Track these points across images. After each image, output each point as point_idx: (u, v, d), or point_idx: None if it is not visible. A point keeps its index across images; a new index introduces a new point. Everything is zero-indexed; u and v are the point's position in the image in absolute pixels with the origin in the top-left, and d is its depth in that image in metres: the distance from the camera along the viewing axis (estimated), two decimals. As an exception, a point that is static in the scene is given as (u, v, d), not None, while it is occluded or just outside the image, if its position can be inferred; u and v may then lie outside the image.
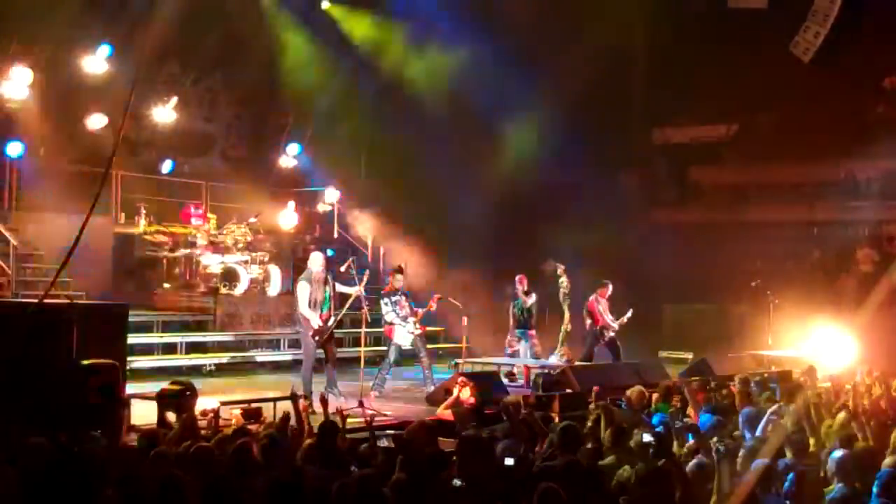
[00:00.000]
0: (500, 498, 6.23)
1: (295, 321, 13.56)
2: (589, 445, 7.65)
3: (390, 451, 7.25)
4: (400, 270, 14.55)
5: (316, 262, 13.08)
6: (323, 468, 6.74)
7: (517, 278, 16.39)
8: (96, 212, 12.39)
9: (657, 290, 19.61)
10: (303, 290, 12.87)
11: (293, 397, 8.80)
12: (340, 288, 13.23)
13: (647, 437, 7.29)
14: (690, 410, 10.67)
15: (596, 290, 16.42)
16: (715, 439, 7.39)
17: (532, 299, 16.20)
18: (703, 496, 6.65)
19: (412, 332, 13.91)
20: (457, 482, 6.15)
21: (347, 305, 13.23)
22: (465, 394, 11.62)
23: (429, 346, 14.97)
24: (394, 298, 14.03)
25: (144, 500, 5.74)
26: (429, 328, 15.39)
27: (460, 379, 12.11)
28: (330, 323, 12.81)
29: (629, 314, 16.27)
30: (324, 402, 8.71)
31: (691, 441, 7.90)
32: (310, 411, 9.24)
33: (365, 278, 13.45)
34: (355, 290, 13.15)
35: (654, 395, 10.78)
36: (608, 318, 16.26)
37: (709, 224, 21.46)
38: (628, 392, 10.82)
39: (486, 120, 20.64)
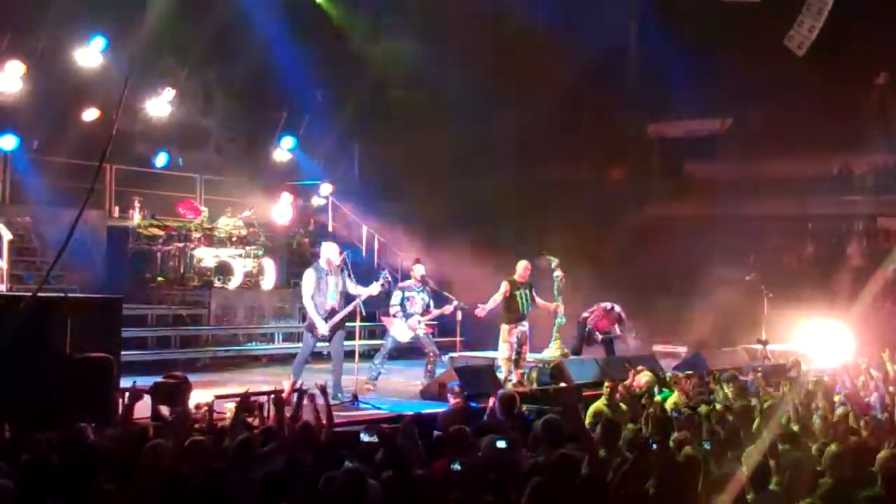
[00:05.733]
0: (491, 489, 6.24)
1: (304, 314, 12.81)
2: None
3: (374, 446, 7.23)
4: (419, 261, 14.30)
5: (330, 251, 12.61)
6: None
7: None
8: (90, 205, 12.40)
9: (651, 284, 19.60)
10: (307, 278, 12.40)
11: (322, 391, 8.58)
12: (356, 289, 12.52)
13: None
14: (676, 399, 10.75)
15: (609, 313, 16.14)
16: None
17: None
18: (690, 487, 6.67)
19: (413, 329, 13.73)
20: (456, 466, 6.17)
21: (352, 306, 12.47)
22: None
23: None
24: (408, 294, 13.77)
25: (142, 493, 5.74)
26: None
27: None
28: (335, 319, 12.30)
29: (632, 335, 16.13)
30: (323, 391, 8.55)
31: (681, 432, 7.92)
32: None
33: (383, 282, 12.79)
34: (367, 291, 12.56)
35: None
36: (606, 328, 16.06)
37: (703, 218, 21.47)
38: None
39: (478, 113, 20.63)
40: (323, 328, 12.27)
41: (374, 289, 12.72)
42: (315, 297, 12.34)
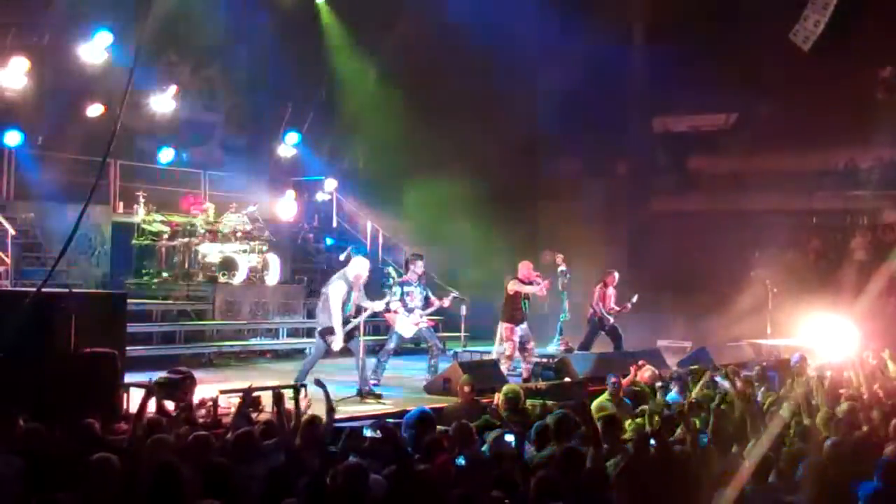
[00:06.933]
0: (497, 485, 6.24)
1: (316, 314, 12.84)
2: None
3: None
4: (420, 257, 14.30)
5: (362, 266, 12.63)
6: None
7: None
8: (95, 200, 12.43)
9: (656, 279, 19.60)
10: (338, 290, 12.29)
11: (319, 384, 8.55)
12: (366, 303, 12.64)
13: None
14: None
15: (602, 278, 16.23)
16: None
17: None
18: (689, 482, 6.67)
19: (416, 324, 13.72)
20: (461, 461, 6.19)
21: (362, 318, 12.59)
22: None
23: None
24: (407, 289, 13.78)
25: (142, 487, 5.74)
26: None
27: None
28: (348, 328, 12.33)
29: (634, 299, 16.16)
30: (320, 384, 8.51)
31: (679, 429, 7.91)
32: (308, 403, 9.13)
33: (393, 291, 13.28)
34: (373, 307, 12.75)
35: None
36: (610, 305, 16.15)
37: (708, 213, 21.46)
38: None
39: (481, 109, 20.62)
40: (340, 342, 12.28)
41: (380, 305, 12.98)
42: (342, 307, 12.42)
